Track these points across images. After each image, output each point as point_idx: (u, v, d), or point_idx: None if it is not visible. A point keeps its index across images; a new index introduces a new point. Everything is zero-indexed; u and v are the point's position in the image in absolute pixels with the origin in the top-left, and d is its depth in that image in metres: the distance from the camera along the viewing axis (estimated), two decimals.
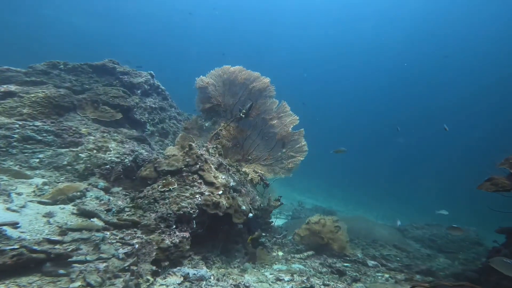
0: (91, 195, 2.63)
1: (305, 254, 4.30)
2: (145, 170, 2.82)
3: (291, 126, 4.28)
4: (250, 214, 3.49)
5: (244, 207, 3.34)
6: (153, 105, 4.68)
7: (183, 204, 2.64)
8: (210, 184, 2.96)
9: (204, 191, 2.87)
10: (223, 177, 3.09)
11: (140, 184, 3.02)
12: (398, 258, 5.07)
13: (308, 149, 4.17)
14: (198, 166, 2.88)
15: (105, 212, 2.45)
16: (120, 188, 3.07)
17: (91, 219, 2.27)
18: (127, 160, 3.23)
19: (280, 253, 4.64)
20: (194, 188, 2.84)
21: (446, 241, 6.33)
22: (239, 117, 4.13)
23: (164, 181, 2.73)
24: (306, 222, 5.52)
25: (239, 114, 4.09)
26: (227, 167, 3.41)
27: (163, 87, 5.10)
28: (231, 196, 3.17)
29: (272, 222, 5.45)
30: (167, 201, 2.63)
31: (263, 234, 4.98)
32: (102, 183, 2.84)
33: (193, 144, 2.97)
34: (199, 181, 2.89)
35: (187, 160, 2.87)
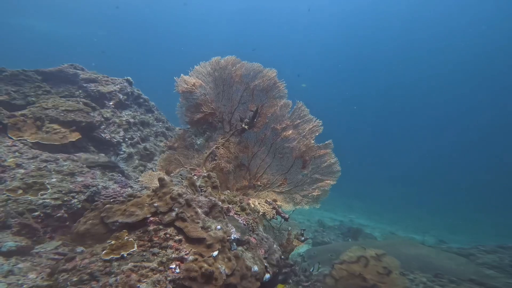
0: None
1: None
2: (85, 223, 1.70)
3: (314, 137, 3.09)
4: (267, 276, 2.26)
5: (256, 268, 2.13)
6: (132, 120, 3.66)
7: (143, 287, 1.49)
8: (196, 241, 1.79)
9: (186, 254, 1.70)
10: (219, 226, 1.92)
11: (83, 240, 1.91)
12: None
13: (340, 167, 2.95)
14: (174, 214, 1.75)
15: None
16: (57, 245, 1.95)
17: None
18: (75, 200, 2.15)
19: None
20: (168, 251, 1.68)
21: None
22: (240, 129, 3.01)
23: (114, 241, 1.60)
24: (340, 260, 4.21)
25: (241, 124, 2.97)
26: (226, 206, 2.25)
27: (145, 97, 4.10)
28: (234, 255, 1.98)
29: (293, 264, 4.14)
30: (113, 279, 1.48)
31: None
32: (12, 242, 1.73)
33: (165, 178, 1.85)
34: (177, 238, 1.74)
35: (156, 204, 1.75)
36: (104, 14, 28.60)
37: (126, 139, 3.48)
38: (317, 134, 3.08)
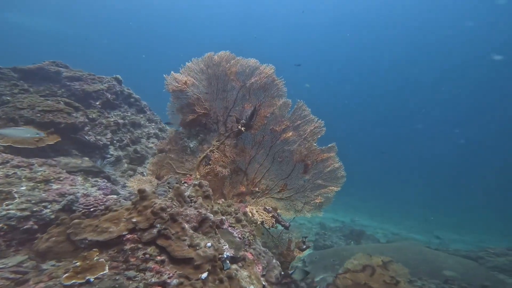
0: None
1: None
2: (47, 241, 1.46)
3: (316, 139, 2.85)
4: None
5: None
6: (121, 121, 3.41)
7: None
8: (182, 262, 1.56)
9: (169, 278, 1.47)
10: (209, 243, 1.69)
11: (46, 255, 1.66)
12: None
13: (345, 173, 2.70)
14: (156, 231, 1.51)
15: None
16: (21, 260, 1.71)
17: None
18: (47, 210, 1.92)
19: None
20: (147, 274, 1.44)
21: None
22: (237, 130, 2.76)
23: (80, 262, 1.36)
24: (344, 268, 3.98)
25: (237, 126, 2.73)
26: (220, 218, 2.01)
27: (136, 96, 3.85)
28: (227, 276, 1.74)
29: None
30: None
31: None
32: None
33: (146, 189, 1.61)
34: (158, 258, 1.50)
35: (134, 220, 1.51)
36: (95, 11, 28.02)
37: (114, 141, 3.24)
38: (319, 136, 2.84)
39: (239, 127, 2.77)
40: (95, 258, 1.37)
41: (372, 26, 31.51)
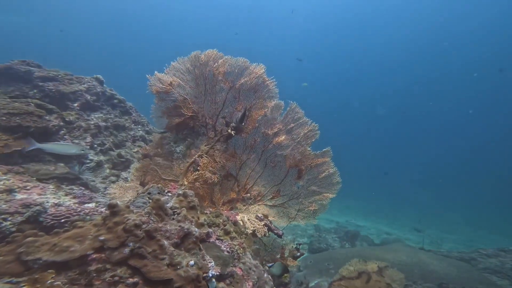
0: None
1: None
2: None
3: (310, 143, 2.71)
4: None
5: None
6: (103, 123, 3.19)
7: None
8: (160, 284, 1.38)
9: None
10: (192, 261, 1.52)
11: None
12: None
13: (340, 179, 2.57)
14: (128, 250, 1.33)
15: None
16: None
17: None
18: (7, 223, 1.71)
19: None
20: None
21: None
22: (226, 134, 2.60)
23: (29, 286, 1.15)
24: (339, 275, 3.89)
25: (227, 129, 2.57)
26: (206, 231, 1.84)
27: (120, 97, 3.63)
28: None
29: (288, 283, 3.77)
30: None
31: None
32: None
33: (118, 204, 1.43)
34: (130, 281, 1.32)
35: (101, 238, 1.32)
36: (78, 10, 26.61)
37: (95, 146, 3.02)
38: (313, 140, 2.70)
39: (229, 130, 2.61)
40: (48, 281, 1.17)
41: (371, 26, 31.68)
